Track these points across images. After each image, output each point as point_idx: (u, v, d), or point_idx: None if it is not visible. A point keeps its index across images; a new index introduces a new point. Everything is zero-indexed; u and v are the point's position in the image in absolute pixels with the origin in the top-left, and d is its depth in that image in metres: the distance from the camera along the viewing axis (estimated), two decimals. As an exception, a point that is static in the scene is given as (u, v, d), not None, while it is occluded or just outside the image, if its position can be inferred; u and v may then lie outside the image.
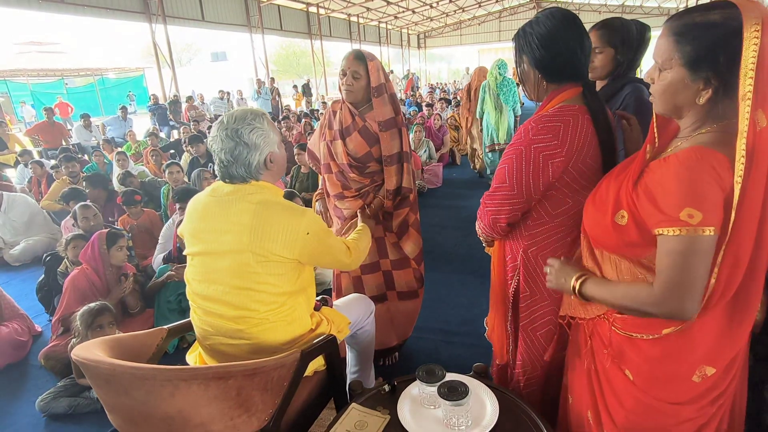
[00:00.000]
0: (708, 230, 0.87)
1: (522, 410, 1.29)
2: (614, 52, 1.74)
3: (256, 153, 1.37)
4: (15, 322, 2.87)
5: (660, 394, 1.07)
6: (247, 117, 1.38)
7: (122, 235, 3.00)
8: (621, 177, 1.05)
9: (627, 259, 1.06)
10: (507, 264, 1.47)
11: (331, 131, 2.14)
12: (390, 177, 2.09)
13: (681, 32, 0.92)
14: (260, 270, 1.35)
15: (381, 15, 24.20)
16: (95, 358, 1.22)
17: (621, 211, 1.01)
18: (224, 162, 1.38)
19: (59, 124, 8.65)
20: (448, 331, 2.75)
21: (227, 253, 1.36)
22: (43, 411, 2.29)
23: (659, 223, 0.92)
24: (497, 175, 1.32)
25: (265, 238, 1.33)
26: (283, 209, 1.38)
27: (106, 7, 11.20)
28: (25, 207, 4.57)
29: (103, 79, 22.96)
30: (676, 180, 0.90)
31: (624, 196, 1.01)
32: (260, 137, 1.38)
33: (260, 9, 16.35)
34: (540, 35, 1.26)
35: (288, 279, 1.41)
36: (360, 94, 2.03)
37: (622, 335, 1.10)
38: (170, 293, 2.94)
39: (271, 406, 1.27)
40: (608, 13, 24.16)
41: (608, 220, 1.04)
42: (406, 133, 2.10)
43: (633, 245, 1.02)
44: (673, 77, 0.95)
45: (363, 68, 2.00)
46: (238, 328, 1.40)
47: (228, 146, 1.35)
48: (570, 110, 1.23)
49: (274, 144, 1.43)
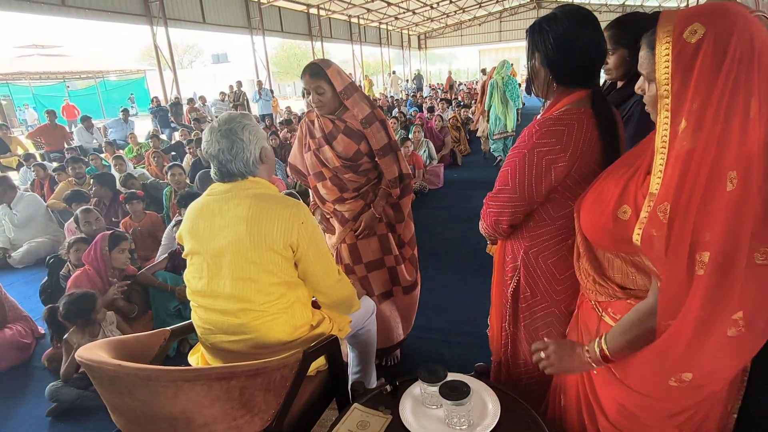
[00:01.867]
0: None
1: (524, 410, 1.29)
2: (627, 53, 1.64)
3: (252, 147, 1.44)
4: (18, 324, 2.88)
5: (643, 390, 1.07)
6: (236, 117, 1.46)
7: (125, 237, 3.01)
8: (627, 176, 1.04)
9: (620, 257, 1.07)
10: (507, 264, 1.48)
11: (314, 140, 2.16)
12: (388, 167, 2.12)
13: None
14: (258, 259, 1.38)
15: (381, 16, 24.21)
16: (99, 359, 1.23)
17: (624, 206, 1.01)
18: (223, 162, 1.42)
19: (61, 127, 8.67)
20: (450, 331, 2.76)
21: (226, 246, 1.39)
22: (52, 397, 2.32)
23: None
24: (500, 177, 1.33)
25: (261, 228, 1.37)
26: (278, 200, 1.43)
27: (108, 9, 11.23)
28: (31, 203, 4.63)
29: (105, 81, 23.01)
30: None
31: (631, 192, 1.00)
32: (252, 133, 1.45)
33: (261, 10, 16.38)
34: (557, 35, 1.22)
35: (285, 271, 1.43)
36: (331, 104, 2.05)
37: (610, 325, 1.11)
38: (170, 302, 2.93)
39: (274, 407, 1.28)
40: (608, 12, 24.09)
41: (608, 214, 1.04)
42: (388, 123, 2.13)
43: (630, 242, 1.02)
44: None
45: (323, 80, 1.99)
46: (239, 322, 1.41)
47: (225, 145, 1.41)
48: (575, 114, 1.22)
49: (264, 139, 1.51)
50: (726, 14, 0.84)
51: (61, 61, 21.61)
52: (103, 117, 19.10)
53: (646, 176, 0.98)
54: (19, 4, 9.59)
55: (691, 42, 0.84)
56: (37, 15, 10.32)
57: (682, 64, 0.85)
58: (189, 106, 12.03)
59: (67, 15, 10.70)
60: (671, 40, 0.86)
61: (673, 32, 0.86)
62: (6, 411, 2.39)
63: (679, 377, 0.96)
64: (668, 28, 0.87)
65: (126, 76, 23.94)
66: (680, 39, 0.85)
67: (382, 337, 2.27)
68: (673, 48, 0.86)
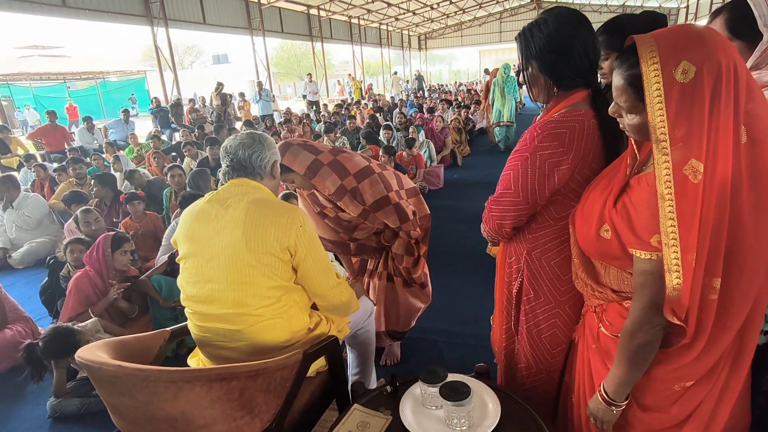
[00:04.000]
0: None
1: (524, 411, 1.29)
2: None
3: (269, 153, 1.53)
4: (19, 324, 2.88)
5: (640, 399, 1.08)
6: (263, 135, 1.58)
7: (127, 239, 3.00)
8: (605, 192, 1.05)
9: (614, 266, 1.08)
10: (511, 266, 1.47)
11: (329, 208, 2.14)
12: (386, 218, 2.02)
13: (639, 85, 0.90)
14: (255, 262, 1.37)
15: (382, 17, 24.22)
16: (99, 359, 1.23)
17: (605, 225, 1.02)
18: (239, 155, 1.49)
19: (62, 128, 8.68)
20: (450, 332, 2.75)
21: (223, 249, 1.38)
22: (55, 411, 2.30)
23: (632, 244, 0.95)
24: (502, 180, 1.32)
25: (258, 231, 1.37)
26: (276, 205, 1.44)
27: (108, 10, 11.25)
28: (38, 204, 4.64)
29: (105, 82, 23.02)
30: (647, 207, 0.92)
31: (606, 213, 1.01)
32: (271, 149, 1.55)
33: (261, 11, 16.39)
34: (550, 39, 1.20)
35: (282, 274, 1.42)
36: (308, 185, 2.01)
37: (608, 335, 1.12)
38: (167, 308, 2.90)
39: (274, 407, 1.27)
40: (609, 13, 24.12)
41: (593, 232, 1.05)
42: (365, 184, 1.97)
43: (616, 258, 1.03)
44: (643, 120, 0.92)
45: (286, 172, 1.94)
46: (235, 329, 1.40)
47: (247, 141, 1.51)
48: (576, 115, 1.21)
49: (278, 156, 1.59)
50: (708, 45, 0.83)
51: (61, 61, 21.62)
52: (103, 117, 19.11)
53: (616, 199, 1.00)
54: (20, 5, 9.61)
55: (684, 82, 0.83)
56: (38, 16, 10.35)
57: (678, 104, 0.83)
58: (189, 106, 12.02)
59: (68, 16, 10.72)
60: (661, 82, 0.84)
61: (662, 72, 0.84)
62: (6, 412, 2.39)
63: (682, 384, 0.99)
64: (654, 66, 0.84)
65: (126, 77, 23.94)
66: (672, 80, 0.83)
67: (384, 319, 2.30)
68: (665, 90, 0.84)
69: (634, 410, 1.10)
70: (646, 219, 0.92)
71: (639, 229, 0.93)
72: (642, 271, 0.95)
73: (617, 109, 0.98)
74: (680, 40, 0.85)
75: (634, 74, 0.89)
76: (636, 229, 0.93)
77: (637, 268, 0.96)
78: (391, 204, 2.00)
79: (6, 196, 4.51)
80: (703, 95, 0.82)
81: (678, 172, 0.84)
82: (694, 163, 0.83)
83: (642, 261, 0.94)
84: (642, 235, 0.92)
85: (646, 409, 1.09)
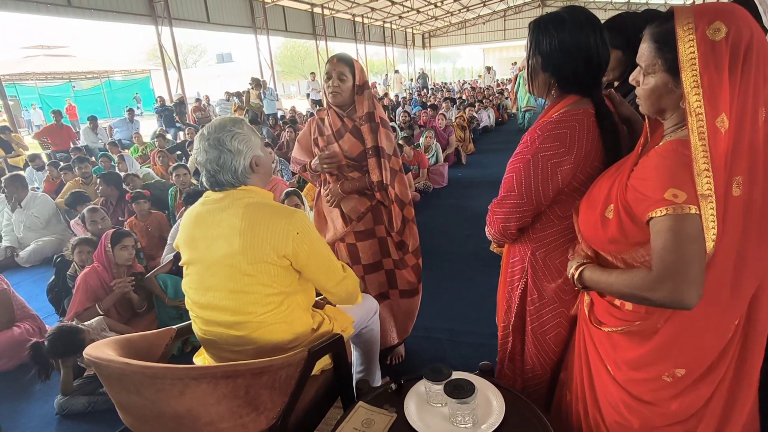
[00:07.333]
0: (693, 209, 0.88)
1: (528, 409, 1.29)
2: (621, 54, 1.67)
3: (241, 158, 1.39)
4: (26, 322, 2.91)
5: (636, 391, 1.08)
6: (227, 125, 1.40)
7: (128, 234, 3.01)
8: (615, 174, 1.07)
9: (611, 257, 1.08)
10: (514, 266, 1.47)
11: (323, 137, 2.18)
12: (372, 170, 2.11)
13: (662, 40, 0.93)
14: (253, 272, 1.35)
15: (385, 15, 24.17)
16: (107, 357, 1.24)
17: (610, 205, 1.03)
18: (211, 171, 1.39)
19: (67, 127, 8.72)
20: (454, 330, 2.76)
21: (221, 258, 1.36)
22: (63, 409, 2.32)
23: (648, 207, 0.93)
24: (505, 183, 1.32)
25: (255, 240, 1.34)
26: (273, 211, 1.39)
27: (113, 10, 11.28)
28: (46, 204, 4.68)
29: (110, 81, 23.16)
30: (654, 169, 0.94)
31: (615, 191, 1.02)
32: (242, 143, 1.40)
33: (265, 10, 16.40)
34: (562, 42, 1.19)
35: (282, 281, 1.40)
36: (346, 95, 2.06)
37: (602, 332, 1.12)
38: (171, 308, 2.93)
39: (279, 405, 1.28)
40: (613, 10, 23.97)
41: (597, 215, 1.06)
42: (384, 130, 2.11)
43: (615, 241, 1.03)
44: (657, 82, 0.97)
45: (348, 70, 2.03)
46: (238, 335, 1.40)
47: (212, 156, 1.37)
48: (575, 114, 1.21)
49: (257, 147, 1.45)
50: (738, 13, 0.88)
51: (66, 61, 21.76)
52: (108, 117, 19.20)
53: (631, 169, 1.01)
54: (26, 5, 9.65)
55: (716, 39, 0.86)
56: (43, 16, 10.40)
57: (713, 60, 0.86)
58: (194, 105, 12.04)
59: (73, 15, 10.76)
60: (695, 38, 0.87)
61: (696, 30, 0.87)
62: (15, 409, 2.42)
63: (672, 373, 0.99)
64: (688, 26, 0.88)
65: (131, 76, 24.06)
66: (705, 37, 0.87)
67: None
68: (698, 46, 0.87)
69: (633, 403, 1.09)
70: (655, 178, 0.93)
71: (651, 189, 0.92)
72: (659, 232, 0.91)
73: (636, 75, 1.02)
74: (714, 6, 0.90)
75: (661, 30, 0.93)
76: (648, 192, 0.93)
77: (655, 231, 0.92)
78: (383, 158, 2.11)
79: (15, 197, 4.54)
80: (735, 54, 0.86)
81: (710, 122, 0.88)
82: (723, 118, 0.87)
83: (659, 221, 0.91)
84: (655, 194, 0.91)
85: (645, 402, 1.09)
